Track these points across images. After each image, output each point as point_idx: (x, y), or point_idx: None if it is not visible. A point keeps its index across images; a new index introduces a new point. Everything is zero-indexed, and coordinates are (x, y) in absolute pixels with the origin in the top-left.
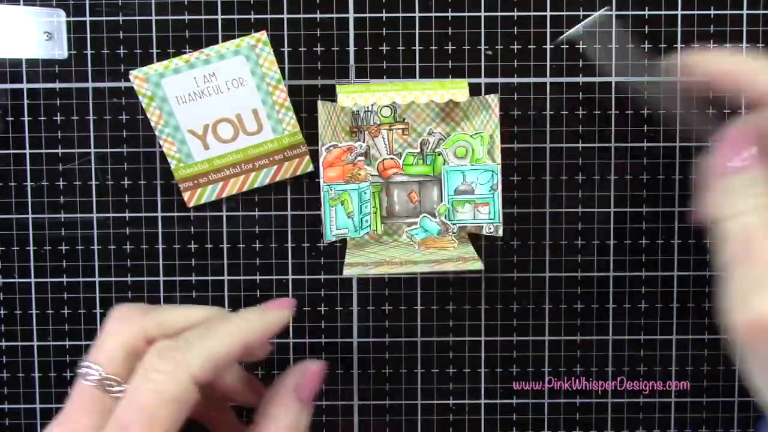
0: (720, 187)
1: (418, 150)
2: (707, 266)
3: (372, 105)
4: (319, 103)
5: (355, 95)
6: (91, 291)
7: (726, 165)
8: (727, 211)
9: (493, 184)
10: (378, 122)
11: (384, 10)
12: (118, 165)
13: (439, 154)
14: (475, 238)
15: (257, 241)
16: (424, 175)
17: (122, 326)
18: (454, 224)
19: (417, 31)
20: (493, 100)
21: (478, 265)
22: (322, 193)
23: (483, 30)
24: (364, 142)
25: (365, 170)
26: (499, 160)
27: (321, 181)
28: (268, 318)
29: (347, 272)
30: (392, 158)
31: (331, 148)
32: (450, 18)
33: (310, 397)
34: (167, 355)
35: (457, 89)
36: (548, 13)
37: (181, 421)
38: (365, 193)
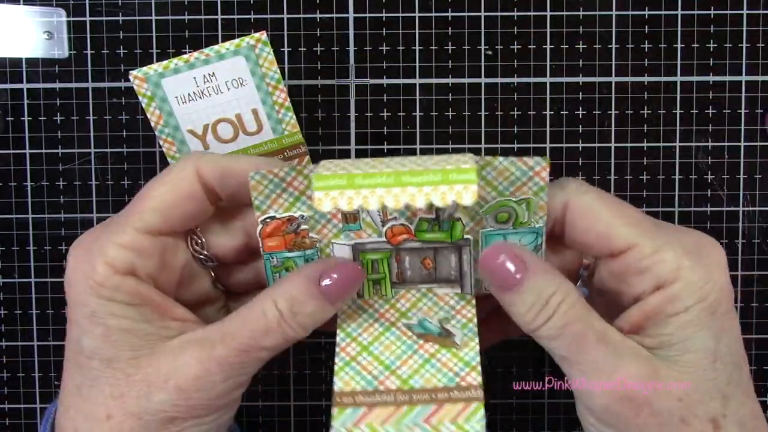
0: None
1: (433, 215)
2: None
3: (356, 209)
4: (252, 175)
5: (335, 194)
6: None
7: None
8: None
9: (537, 245)
10: None
11: (384, 10)
12: (118, 165)
13: (458, 220)
14: None
15: None
16: (440, 242)
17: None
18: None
19: (417, 31)
20: (539, 164)
21: (479, 412)
22: (264, 263)
23: (483, 30)
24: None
25: (310, 238)
26: (543, 220)
27: (261, 249)
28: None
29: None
30: (403, 224)
31: (268, 220)
32: (450, 18)
33: (334, 296)
34: (192, 153)
35: (463, 183)
36: (548, 13)
37: (177, 203)
38: (314, 257)
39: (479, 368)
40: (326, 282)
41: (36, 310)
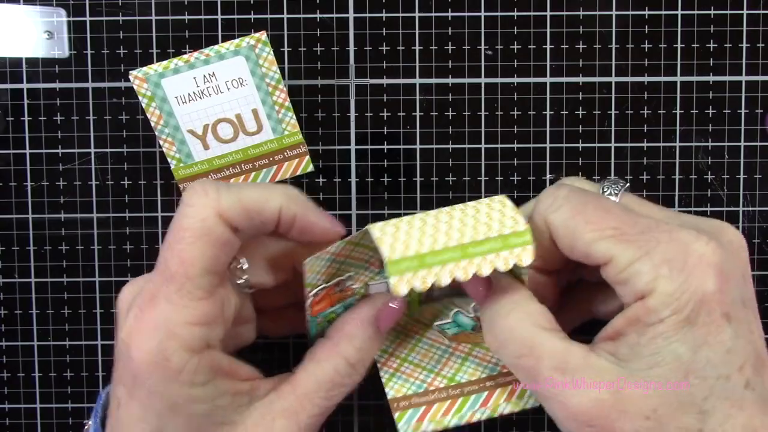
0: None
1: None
2: None
3: (430, 286)
4: (306, 262)
5: (409, 276)
6: (91, 291)
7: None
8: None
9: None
10: None
11: (384, 10)
12: (118, 165)
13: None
14: None
15: None
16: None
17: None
18: None
19: (417, 31)
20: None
21: (532, 396)
22: (307, 324)
23: (483, 30)
24: None
25: (353, 290)
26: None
27: (307, 314)
28: (318, 213)
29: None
30: None
31: (319, 292)
32: (450, 18)
33: (385, 328)
34: (199, 189)
35: (521, 246)
36: (548, 13)
37: (216, 257)
38: (352, 302)
39: None
40: (386, 321)
41: (36, 310)
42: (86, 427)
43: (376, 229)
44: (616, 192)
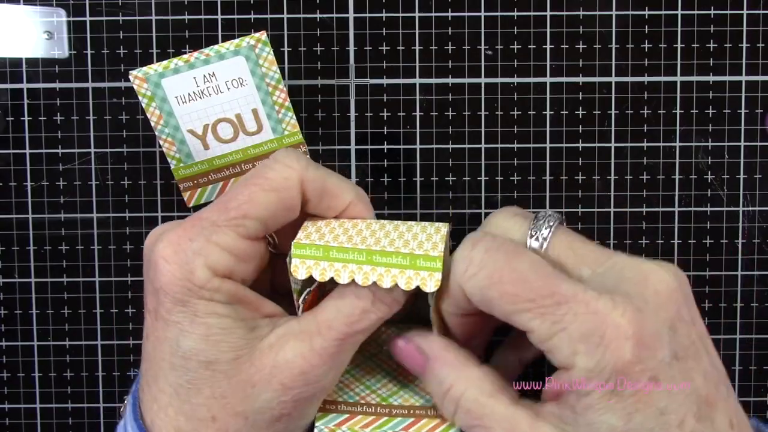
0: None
1: None
2: (706, 266)
3: (327, 280)
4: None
5: (310, 263)
6: (91, 291)
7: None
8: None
9: None
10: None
11: (384, 10)
12: (118, 165)
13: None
14: None
15: None
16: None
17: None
18: None
19: (417, 31)
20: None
21: (452, 430)
22: None
23: (483, 30)
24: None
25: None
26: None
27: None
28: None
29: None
30: None
31: (306, 297)
32: (450, 18)
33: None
34: (293, 154)
35: (429, 271)
36: (548, 13)
37: (276, 214)
38: None
39: None
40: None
41: (36, 310)
42: (125, 401)
43: (309, 220)
44: (548, 227)
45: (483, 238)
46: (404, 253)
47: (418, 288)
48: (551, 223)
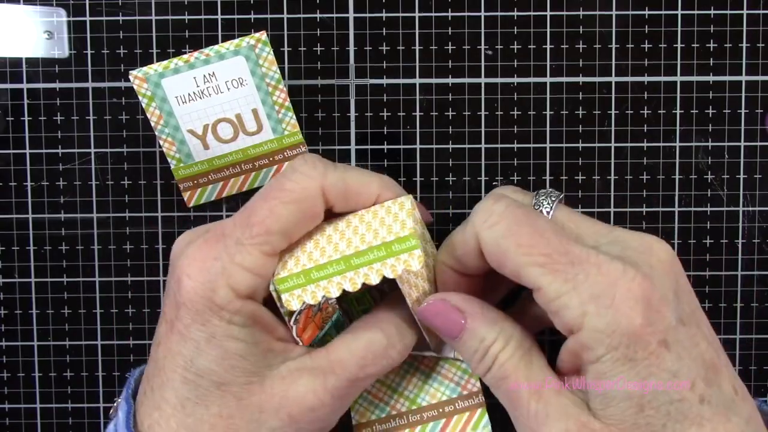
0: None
1: None
2: (706, 266)
3: (322, 299)
4: (273, 290)
5: (299, 292)
6: (91, 291)
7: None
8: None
9: None
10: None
11: (384, 10)
12: (118, 165)
13: None
14: None
15: None
16: None
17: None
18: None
19: (417, 31)
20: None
21: (484, 418)
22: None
23: (483, 30)
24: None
25: (332, 305)
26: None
27: (300, 344)
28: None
29: None
30: None
31: (298, 318)
32: (450, 18)
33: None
34: (310, 161)
35: (407, 252)
36: (548, 13)
37: (298, 225)
38: (341, 319)
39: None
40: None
41: (36, 310)
42: (115, 404)
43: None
44: (550, 204)
45: (505, 196)
46: (377, 246)
47: (406, 271)
48: (553, 199)
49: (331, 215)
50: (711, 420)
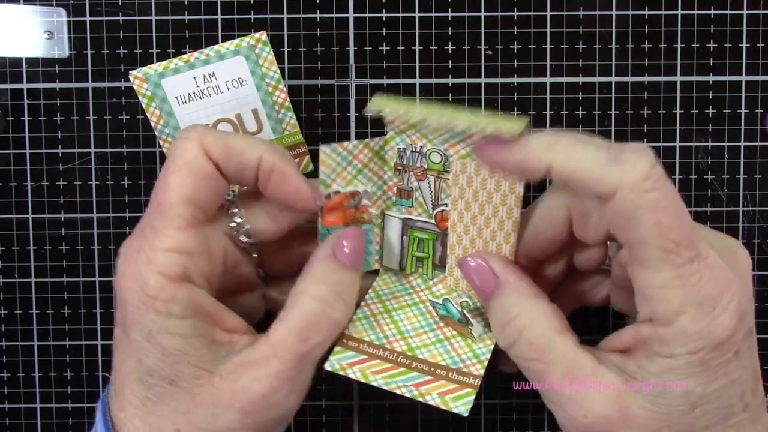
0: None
1: None
2: None
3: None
4: (323, 149)
5: (385, 103)
6: (91, 291)
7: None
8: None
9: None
10: (425, 166)
11: (384, 10)
12: (118, 165)
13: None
14: None
15: None
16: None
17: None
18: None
19: (417, 31)
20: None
21: (470, 398)
22: (318, 237)
23: (483, 30)
24: (407, 183)
25: (369, 213)
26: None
27: (319, 225)
28: (296, 170)
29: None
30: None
31: (332, 195)
32: (450, 18)
33: (345, 258)
34: (188, 128)
35: (510, 125)
36: (548, 13)
37: (196, 188)
38: (369, 233)
39: (486, 364)
40: (344, 251)
41: (36, 310)
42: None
43: (377, 95)
44: None
45: (648, 150)
46: (484, 116)
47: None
48: None
49: (262, 197)
50: (746, 427)
